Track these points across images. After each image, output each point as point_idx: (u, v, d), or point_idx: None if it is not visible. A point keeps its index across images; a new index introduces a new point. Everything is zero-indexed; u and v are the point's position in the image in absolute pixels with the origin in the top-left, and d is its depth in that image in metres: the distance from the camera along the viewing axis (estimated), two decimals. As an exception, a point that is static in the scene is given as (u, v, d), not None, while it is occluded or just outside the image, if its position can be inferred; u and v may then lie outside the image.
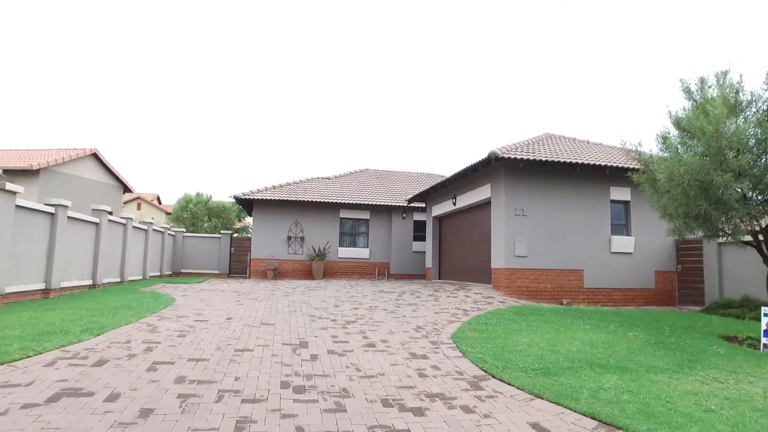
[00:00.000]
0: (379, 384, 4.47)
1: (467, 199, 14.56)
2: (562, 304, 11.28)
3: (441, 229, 17.77)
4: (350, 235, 20.48)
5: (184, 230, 22.66)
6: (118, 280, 14.05)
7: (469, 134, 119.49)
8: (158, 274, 18.38)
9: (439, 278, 17.27)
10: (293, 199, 19.37)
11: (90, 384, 4.11)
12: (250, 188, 19.91)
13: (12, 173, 16.18)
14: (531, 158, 11.48)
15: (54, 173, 17.47)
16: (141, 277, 16.18)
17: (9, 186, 8.01)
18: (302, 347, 5.88)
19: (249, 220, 34.18)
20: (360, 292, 12.44)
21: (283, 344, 6.02)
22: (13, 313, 7.19)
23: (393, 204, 20.02)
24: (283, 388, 4.24)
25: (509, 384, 4.57)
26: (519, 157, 11.41)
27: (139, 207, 45.34)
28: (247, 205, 20.67)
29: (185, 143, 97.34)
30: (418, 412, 3.79)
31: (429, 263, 17.97)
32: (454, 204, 15.38)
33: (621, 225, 12.94)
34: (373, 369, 4.98)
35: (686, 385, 4.65)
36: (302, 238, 19.74)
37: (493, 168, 12.44)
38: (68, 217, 10.46)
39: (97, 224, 12.29)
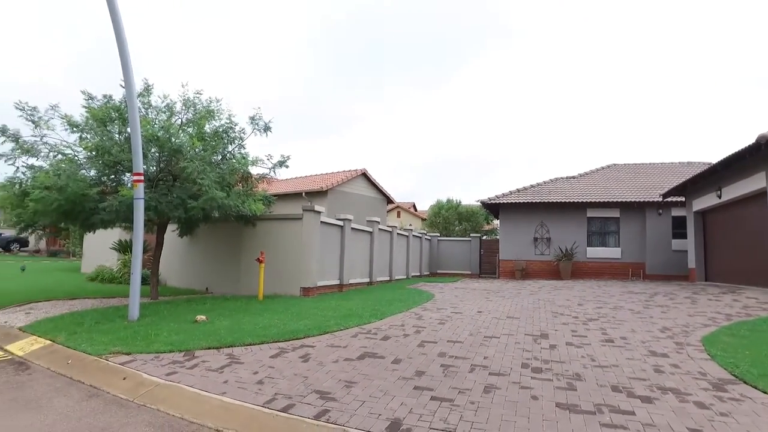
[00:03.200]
0: (611, 373, 4.89)
1: (735, 190, 12.65)
2: None
3: (705, 224, 15.67)
4: (599, 234, 19.67)
5: (438, 234, 25.21)
6: (388, 278, 16.83)
7: (747, 113, 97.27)
8: (418, 274, 21.04)
9: (705, 280, 15.26)
10: (538, 201, 19.75)
11: (381, 351, 5.73)
12: (496, 193, 21.07)
13: (310, 194, 21.01)
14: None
15: (337, 192, 21.84)
16: (405, 277, 18.89)
17: (317, 207, 10.99)
18: (542, 338, 6.58)
19: (496, 223, 35.49)
20: (607, 293, 12.20)
21: (525, 335, 6.82)
22: (324, 301, 9.89)
23: (646, 200, 18.48)
24: (523, 368, 5.06)
25: (764, 392, 4.40)
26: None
27: (398, 215, 51.38)
28: (493, 208, 21.86)
29: (434, 151, 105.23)
30: (647, 399, 4.14)
31: (692, 263, 16.03)
32: (719, 197, 13.50)
33: None
34: (607, 360, 5.38)
35: None
36: (548, 239, 19.89)
37: (766, 154, 10.63)
38: (351, 228, 13.34)
39: (370, 233, 15.14)
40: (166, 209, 8.71)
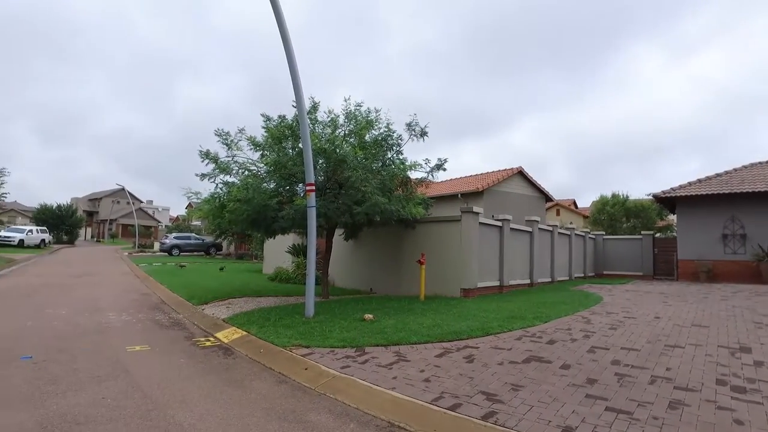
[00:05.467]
0: None
1: None
2: None
3: None
4: (817, 228, 16.22)
5: (603, 233, 23.27)
6: (549, 280, 16.03)
7: None
8: (582, 275, 19.67)
9: None
10: (727, 191, 17.05)
11: (547, 355, 5.51)
12: (671, 185, 18.76)
13: (466, 196, 21.02)
14: None
15: (493, 192, 21.50)
16: (567, 278, 17.80)
17: (475, 208, 11.00)
18: (742, 352, 5.69)
19: (672, 218, 31.60)
20: (832, 301, 10.05)
21: (718, 346, 5.97)
22: (485, 302, 9.84)
23: None
24: (719, 385, 4.43)
25: None
26: None
27: (557, 213, 48.66)
28: (668, 203, 19.50)
29: (592, 144, 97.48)
30: None
31: None
32: None
33: None
34: (842, 385, 4.44)
35: None
36: (743, 236, 17.03)
37: None
38: (510, 228, 13.03)
39: (530, 233, 14.59)
40: (333, 215, 9.49)
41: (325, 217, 9.47)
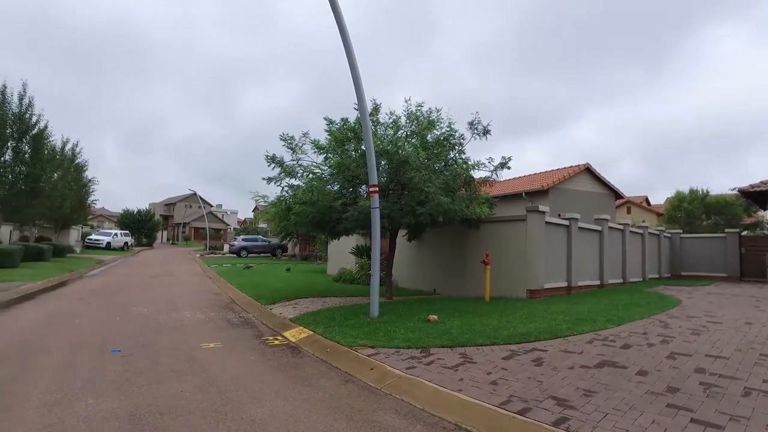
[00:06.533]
0: None
1: None
2: None
3: None
4: None
5: (680, 231, 21.86)
6: (621, 281, 15.24)
7: None
8: (657, 276, 18.55)
9: None
10: (825, 184, 15.49)
11: (622, 360, 5.25)
12: (759, 178, 17.28)
13: (530, 194, 20.44)
14: None
15: (558, 190, 20.74)
16: (640, 279, 16.85)
17: (541, 207, 10.68)
18: None
19: (762, 214, 29.15)
20: None
21: (820, 355, 5.43)
22: (552, 304, 9.53)
23: None
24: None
25: None
26: None
27: (628, 211, 46.19)
28: (757, 198, 17.96)
29: (665, 138, 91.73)
30: None
31: None
32: None
33: None
34: None
35: None
36: None
37: None
38: (578, 227, 12.53)
39: (599, 231, 13.95)
40: (397, 216, 9.52)
41: (389, 218, 9.51)
